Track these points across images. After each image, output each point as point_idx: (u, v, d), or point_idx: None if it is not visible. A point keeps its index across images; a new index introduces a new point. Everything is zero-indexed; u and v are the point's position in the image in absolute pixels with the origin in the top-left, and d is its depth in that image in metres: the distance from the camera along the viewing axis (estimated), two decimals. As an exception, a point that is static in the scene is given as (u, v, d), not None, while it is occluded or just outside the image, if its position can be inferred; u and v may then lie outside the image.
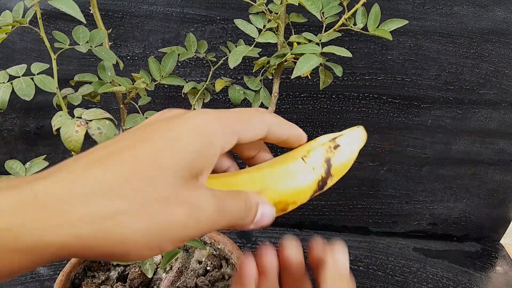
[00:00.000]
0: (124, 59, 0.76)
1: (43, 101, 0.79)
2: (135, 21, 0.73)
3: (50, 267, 0.77)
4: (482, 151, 0.84)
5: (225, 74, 0.77)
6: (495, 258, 0.90)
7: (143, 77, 0.46)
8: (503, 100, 0.78)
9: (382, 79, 0.77)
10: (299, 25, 0.60)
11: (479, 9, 0.71)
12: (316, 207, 0.92)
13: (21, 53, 0.75)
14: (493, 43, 0.73)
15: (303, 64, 0.40)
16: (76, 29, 0.42)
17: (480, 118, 0.80)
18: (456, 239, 0.95)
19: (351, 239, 0.91)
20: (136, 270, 0.60)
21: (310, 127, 0.82)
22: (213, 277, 0.61)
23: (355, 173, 0.87)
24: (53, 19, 0.72)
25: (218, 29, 0.74)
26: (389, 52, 0.75)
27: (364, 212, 0.92)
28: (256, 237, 0.90)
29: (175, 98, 0.79)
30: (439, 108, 0.79)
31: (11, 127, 0.82)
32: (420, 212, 0.92)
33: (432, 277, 0.82)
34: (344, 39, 0.74)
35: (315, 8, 0.43)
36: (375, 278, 0.80)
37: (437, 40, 0.73)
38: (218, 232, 0.66)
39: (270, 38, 0.45)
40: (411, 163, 0.86)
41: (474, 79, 0.77)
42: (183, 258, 0.61)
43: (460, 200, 0.90)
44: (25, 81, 0.40)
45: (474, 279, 0.83)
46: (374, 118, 0.81)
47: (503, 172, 0.86)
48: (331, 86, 0.71)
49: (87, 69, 0.76)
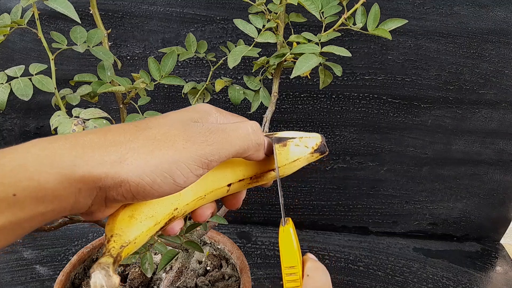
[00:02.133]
0: (124, 59, 0.77)
1: (43, 101, 0.79)
2: (135, 21, 0.73)
3: (50, 267, 0.78)
4: (482, 151, 0.84)
5: (225, 74, 0.77)
6: (495, 258, 0.90)
7: (143, 77, 0.46)
8: (503, 100, 0.78)
9: (382, 79, 0.77)
10: (299, 25, 0.60)
11: (479, 9, 0.71)
12: (316, 207, 0.92)
13: (21, 53, 0.76)
14: (493, 43, 0.73)
15: (303, 64, 0.40)
16: (74, 29, 0.42)
17: (480, 118, 0.80)
18: (456, 239, 0.95)
19: (351, 239, 0.91)
20: (136, 270, 0.60)
21: (310, 127, 0.82)
22: (213, 277, 0.61)
23: (355, 173, 0.87)
24: (52, 19, 0.72)
25: (218, 29, 0.74)
26: (389, 52, 0.75)
27: (364, 212, 0.92)
28: (256, 237, 0.90)
29: (175, 98, 0.79)
30: (439, 108, 0.79)
31: (11, 127, 0.82)
32: (420, 212, 0.92)
33: (432, 277, 0.82)
34: (344, 39, 0.74)
35: (315, 8, 0.43)
36: (375, 278, 0.80)
37: (437, 40, 0.73)
38: (218, 232, 0.66)
39: (270, 38, 0.45)
40: (411, 163, 0.86)
41: (474, 79, 0.77)
42: (183, 258, 0.61)
43: (460, 200, 0.90)
44: (23, 81, 0.40)
45: (474, 279, 0.82)
46: (374, 118, 0.81)
47: (503, 172, 0.86)
48: (331, 86, 0.71)
49: (87, 69, 0.77)
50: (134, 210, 0.29)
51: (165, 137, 0.26)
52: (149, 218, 0.29)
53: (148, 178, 0.25)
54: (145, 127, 0.27)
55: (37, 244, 0.83)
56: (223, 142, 0.27)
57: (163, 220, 0.30)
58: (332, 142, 0.84)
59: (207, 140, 0.27)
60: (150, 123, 0.27)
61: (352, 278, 0.80)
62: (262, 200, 0.91)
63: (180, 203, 0.31)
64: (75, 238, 0.85)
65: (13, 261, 0.79)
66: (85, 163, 0.24)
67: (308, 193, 0.90)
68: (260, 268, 0.81)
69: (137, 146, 0.25)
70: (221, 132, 0.28)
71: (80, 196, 0.24)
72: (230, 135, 0.28)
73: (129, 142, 0.25)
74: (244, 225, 0.93)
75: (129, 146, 0.25)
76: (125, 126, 0.27)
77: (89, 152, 0.24)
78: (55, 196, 0.23)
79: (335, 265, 0.83)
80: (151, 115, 0.48)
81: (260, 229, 0.92)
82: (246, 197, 0.93)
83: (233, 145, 0.28)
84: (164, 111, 0.46)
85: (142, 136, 0.26)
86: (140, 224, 0.28)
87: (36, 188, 0.22)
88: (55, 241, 0.84)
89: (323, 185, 0.89)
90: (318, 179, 0.88)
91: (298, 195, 0.90)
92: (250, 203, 0.92)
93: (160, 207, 0.30)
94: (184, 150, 0.26)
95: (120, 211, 0.28)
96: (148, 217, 0.29)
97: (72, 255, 0.74)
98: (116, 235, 0.28)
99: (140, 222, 0.28)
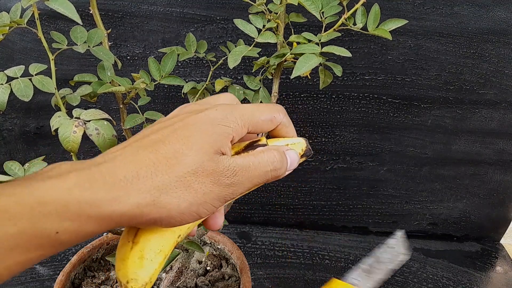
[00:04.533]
0: (124, 59, 0.77)
1: (43, 101, 0.79)
2: (135, 21, 0.73)
3: (50, 267, 0.78)
4: (482, 151, 0.84)
5: (225, 74, 0.77)
6: (495, 258, 0.90)
7: (143, 77, 0.46)
8: (503, 100, 0.78)
9: (382, 79, 0.77)
10: (299, 25, 0.60)
11: (479, 9, 0.71)
12: (316, 207, 0.92)
13: (21, 53, 0.76)
14: (493, 43, 0.73)
15: (303, 64, 0.40)
16: (74, 29, 0.42)
17: (480, 118, 0.80)
18: (456, 239, 0.95)
19: (351, 239, 0.91)
20: (135, 270, 0.60)
21: (310, 127, 0.82)
22: (213, 277, 0.61)
23: (355, 173, 0.87)
24: (53, 19, 0.72)
25: (218, 29, 0.74)
26: (389, 52, 0.75)
27: (364, 212, 0.92)
28: (256, 237, 0.90)
29: (175, 98, 0.79)
30: (439, 108, 0.79)
31: (11, 127, 0.82)
32: (420, 212, 0.92)
33: (432, 277, 0.82)
34: (344, 39, 0.74)
35: (315, 8, 0.43)
36: (375, 278, 0.80)
37: (437, 40, 0.73)
38: (218, 232, 0.66)
39: (270, 38, 0.45)
40: (411, 163, 0.86)
41: (474, 79, 0.77)
42: (183, 258, 0.61)
43: (460, 200, 0.90)
44: (24, 82, 0.40)
45: (474, 279, 0.82)
46: (374, 118, 0.81)
47: (503, 172, 0.86)
48: (331, 86, 0.71)
49: (87, 69, 0.77)
50: (142, 250, 0.29)
51: (195, 177, 0.27)
52: (158, 253, 0.29)
53: (178, 217, 0.27)
54: (172, 157, 0.27)
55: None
56: (245, 182, 0.30)
57: (169, 251, 0.31)
58: (332, 142, 0.84)
59: (232, 183, 0.29)
60: (178, 153, 0.28)
61: (352, 278, 0.80)
62: (262, 200, 0.91)
63: (181, 229, 0.31)
64: (75, 238, 0.85)
65: (13, 261, 0.79)
66: (122, 205, 0.25)
67: (308, 193, 0.90)
68: (260, 268, 0.81)
69: (169, 185, 0.27)
70: (245, 171, 0.30)
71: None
72: (252, 174, 0.30)
73: (159, 176, 0.27)
74: (244, 225, 0.93)
75: (160, 182, 0.27)
76: (153, 157, 0.27)
77: (122, 194, 0.25)
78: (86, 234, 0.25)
79: (335, 265, 0.83)
80: (151, 115, 0.48)
81: (260, 229, 0.92)
82: (246, 197, 0.93)
83: (253, 183, 0.30)
84: (164, 111, 0.47)
85: (173, 172, 0.27)
86: (152, 262, 0.29)
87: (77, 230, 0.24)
88: (55, 241, 0.84)
89: (323, 185, 0.89)
90: (318, 179, 0.88)
91: (298, 195, 0.90)
92: (250, 203, 0.92)
93: (166, 239, 0.30)
94: (211, 193, 0.28)
95: (127, 252, 0.29)
96: (157, 253, 0.29)
97: (72, 255, 0.74)
98: (132, 281, 0.28)
99: (151, 261, 0.29)
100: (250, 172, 0.30)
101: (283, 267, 0.82)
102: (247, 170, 0.30)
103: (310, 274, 0.80)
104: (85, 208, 0.24)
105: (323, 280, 0.79)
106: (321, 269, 0.82)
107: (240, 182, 0.29)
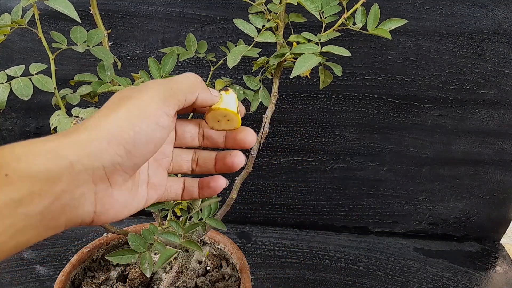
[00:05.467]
0: (124, 59, 0.77)
1: (43, 101, 0.80)
2: (135, 21, 0.73)
3: (50, 267, 0.78)
4: (482, 151, 0.84)
5: (225, 74, 0.77)
6: (495, 258, 0.90)
7: (143, 77, 0.46)
8: (503, 100, 0.78)
9: (382, 79, 0.77)
10: (299, 25, 0.60)
11: (479, 9, 0.71)
12: (316, 207, 0.92)
13: (21, 53, 0.76)
14: (493, 43, 0.73)
15: (302, 64, 0.40)
16: (74, 29, 0.43)
17: (480, 118, 0.80)
18: (456, 239, 0.95)
19: (351, 239, 0.91)
20: (136, 270, 0.60)
21: (310, 127, 0.82)
22: (213, 277, 0.61)
23: (355, 173, 0.87)
24: (53, 19, 0.73)
25: (218, 29, 0.74)
26: (389, 52, 0.75)
27: (364, 212, 0.92)
28: (256, 237, 0.90)
29: (175, 98, 0.79)
30: (439, 108, 0.79)
31: (11, 127, 0.83)
32: (420, 212, 0.92)
33: (432, 277, 0.82)
34: (344, 39, 0.74)
35: (314, 8, 0.43)
36: (375, 278, 0.80)
37: (437, 40, 0.73)
38: (218, 232, 0.66)
39: (269, 38, 0.45)
40: (411, 163, 0.86)
41: (474, 79, 0.77)
42: (183, 258, 0.61)
43: (460, 200, 0.90)
44: (23, 81, 0.40)
45: (474, 279, 0.82)
46: (374, 118, 0.81)
47: (503, 172, 0.86)
48: (331, 86, 0.71)
49: (87, 69, 0.77)
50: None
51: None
52: None
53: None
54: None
55: (37, 244, 0.83)
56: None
57: None
58: (332, 142, 0.84)
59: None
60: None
61: (352, 278, 0.80)
62: (262, 200, 0.91)
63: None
64: (75, 238, 0.85)
65: (13, 261, 0.79)
66: None
67: (308, 193, 0.90)
68: (260, 268, 0.81)
69: None
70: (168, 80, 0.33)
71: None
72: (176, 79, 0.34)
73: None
74: (244, 225, 0.93)
75: None
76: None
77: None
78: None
79: (335, 265, 0.83)
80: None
81: (260, 229, 0.92)
82: (246, 197, 0.93)
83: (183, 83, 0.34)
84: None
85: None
86: None
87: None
88: (55, 241, 0.84)
89: (323, 185, 0.89)
90: (318, 179, 0.88)
91: (298, 195, 0.90)
92: (250, 203, 0.92)
93: None
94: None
95: None
96: None
97: (72, 255, 0.74)
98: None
99: None
100: (174, 78, 0.33)
101: (283, 267, 0.82)
102: (170, 79, 0.33)
103: (310, 274, 0.80)
104: (84, 162, 0.28)
105: (323, 280, 0.79)
106: (321, 269, 0.82)
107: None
